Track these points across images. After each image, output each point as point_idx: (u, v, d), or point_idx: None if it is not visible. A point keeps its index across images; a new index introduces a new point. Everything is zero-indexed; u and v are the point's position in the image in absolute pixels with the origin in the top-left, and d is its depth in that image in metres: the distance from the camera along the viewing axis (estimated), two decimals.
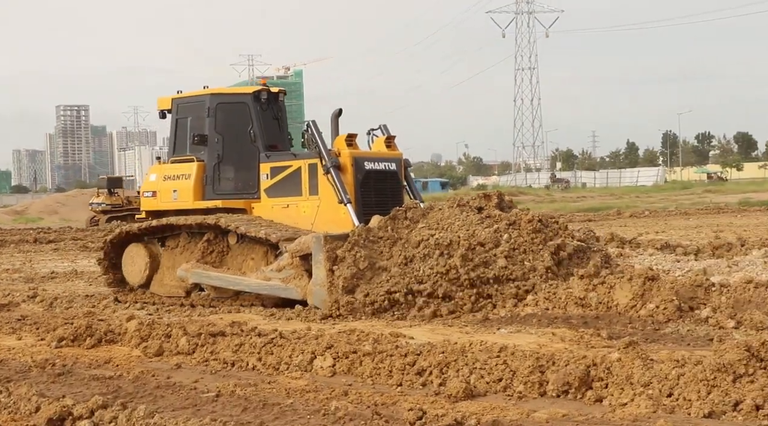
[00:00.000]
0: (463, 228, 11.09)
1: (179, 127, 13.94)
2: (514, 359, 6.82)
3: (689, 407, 5.63)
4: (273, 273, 11.56)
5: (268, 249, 12.27)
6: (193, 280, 12.58)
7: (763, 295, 8.95)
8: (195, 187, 13.50)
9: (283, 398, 6.60)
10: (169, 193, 13.84)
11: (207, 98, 13.60)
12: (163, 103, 14.33)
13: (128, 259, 13.80)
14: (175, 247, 13.47)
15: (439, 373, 6.93)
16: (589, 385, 6.26)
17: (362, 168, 12.50)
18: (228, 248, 12.82)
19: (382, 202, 12.42)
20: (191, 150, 13.65)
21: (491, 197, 11.92)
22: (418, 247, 10.86)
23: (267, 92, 13.54)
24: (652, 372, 6.10)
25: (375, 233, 11.12)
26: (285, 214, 12.87)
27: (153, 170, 14.50)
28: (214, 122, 13.43)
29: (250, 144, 13.27)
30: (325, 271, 10.68)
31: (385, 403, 6.35)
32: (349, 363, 7.52)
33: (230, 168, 13.56)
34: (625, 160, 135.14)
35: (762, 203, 36.54)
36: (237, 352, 8.22)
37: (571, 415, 5.73)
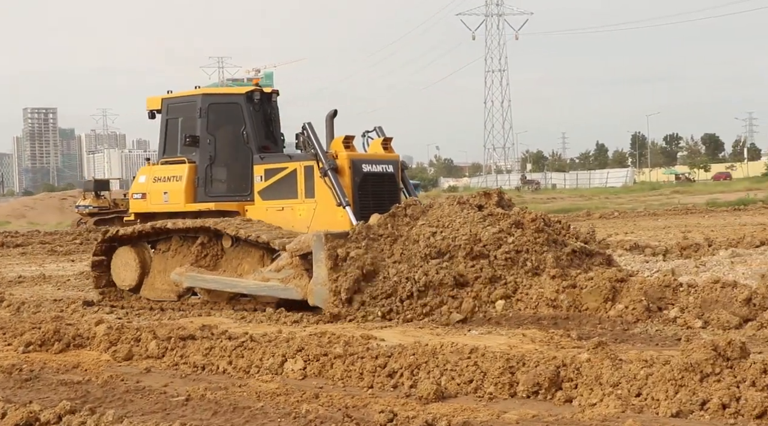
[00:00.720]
0: (465, 226, 10.97)
1: (170, 128, 13.69)
2: (485, 360, 6.84)
3: (657, 407, 5.68)
4: (271, 274, 11.38)
5: (264, 252, 12.08)
6: (188, 284, 12.39)
7: (729, 294, 9.04)
8: (186, 189, 13.26)
9: (254, 401, 6.58)
10: (159, 195, 13.59)
11: (198, 98, 13.39)
12: (153, 103, 14.08)
13: (118, 262, 13.59)
14: (166, 251, 13.21)
15: (410, 375, 6.94)
16: (559, 386, 6.30)
17: (360, 170, 12.35)
18: (222, 252, 12.60)
19: (379, 204, 12.18)
20: (182, 151, 13.42)
21: (491, 195, 11.85)
22: (419, 246, 10.73)
23: (260, 92, 13.35)
24: (621, 372, 6.15)
25: (375, 231, 10.99)
26: (280, 216, 12.66)
27: (142, 172, 14.15)
28: (206, 123, 13.22)
29: (243, 145, 13.08)
30: (327, 270, 10.48)
31: (356, 405, 6.35)
32: (320, 365, 7.50)
33: (223, 169, 13.34)
34: (594, 162, 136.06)
35: (729, 204, 36.94)
36: (207, 355, 8.18)
37: (541, 415, 5.76)
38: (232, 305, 12.10)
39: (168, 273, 12.89)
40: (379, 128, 13.44)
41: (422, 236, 10.86)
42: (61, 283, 16.73)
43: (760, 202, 37.16)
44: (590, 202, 48.73)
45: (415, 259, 10.65)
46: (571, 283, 10.00)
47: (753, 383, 5.61)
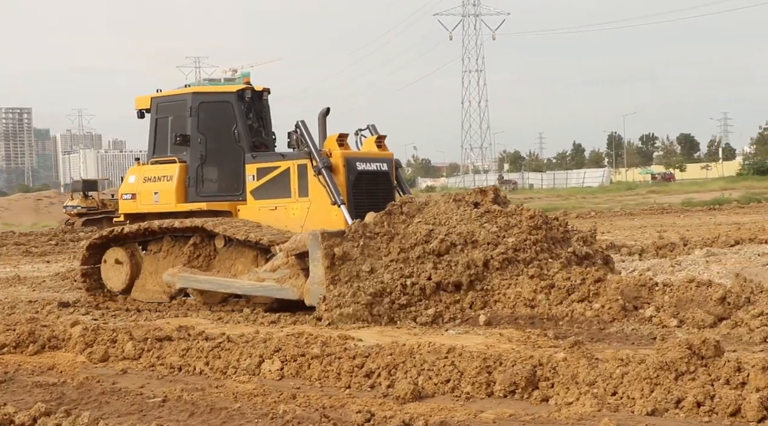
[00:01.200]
0: (461, 223, 10.88)
1: (159, 127, 13.53)
2: (462, 360, 6.86)
3: (633, 405, 5.71)
4: (267, 274, 11.24)
5: (258, 252, 11.96)
6: (181, 285, 12.23)
7: (704, 293, 9.11)
8: (177, 188, 13.11)
9: (231, 402, 6.56)
10: (149, 196, 13.43)
11: (189, 97, 13.25)
12: (142, 102, 13.92)
13: (108, 264, 13.40)
14: (157, 251, 13.05)
15: (387, 375, 6.94)
16: (536, 385, 6.32)
17: (354, 169, 12.22)
18: (215, 252, 12.46)
19: (374, 203, 12.07)
20: (172, 150, 13.27)
21: (487, 192, 11.76)
22: (416, 246, 10.58)
23: (251, 91, 13.21)
24: (597, 371, 6.18)
25: (371, 229, 10.86)
26: (273, 216, 12.52)
27: (132, 172, 13.96)
28: (196, 122, 13.08)
29: (235, 144, 12.93)
30: (323, 269, 10.34)
31: (333, 405, 6.35)
32: (298, 366, 7.50)
33: (214, 169, 13.19)
34: (571, 162, 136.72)
35: (704, 203, 37.22)
36: (184, 356, 8.15)
37: (517, 414, 5.79)
38: (225, 306, 11.95)
39: (160, 274, 12.73)
40: (372, 126, 13.29)
41: (419, 235, 10.72)
42: (36, 285, 16.60)
43: (735, 201, 37.48)
44: (567, 202, 48.94)
45: (411, 260, 10.46)
46: (549, 283, 10.02)
47: (727, 381, 5.65)
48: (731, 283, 9.57)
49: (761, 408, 5.25)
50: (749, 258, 13.91)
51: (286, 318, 10.90)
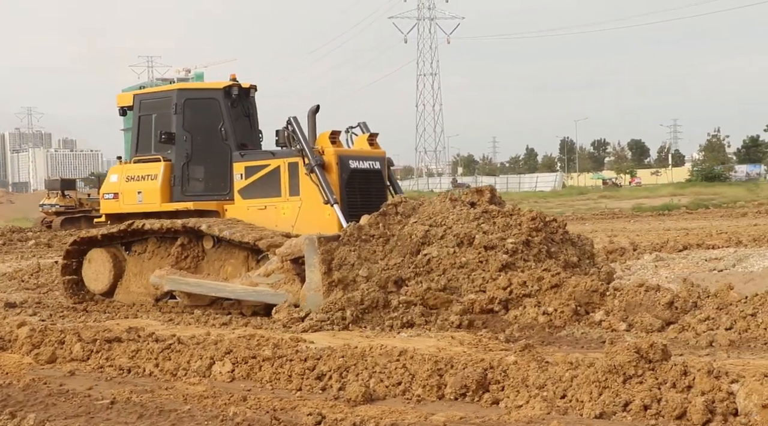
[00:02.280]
0: (458, 223, 10.66)
1: (142, 125, 13.17)
2: (414, 363, 6.88)
3: (582, 408, 5.77)
4: (260, 278, 10.91)
5: (248, 253, 11.67)
6: (169, 287, 11.86)
7: (653, 298, 9.23)
8: (162, 188, 12.75)
9: (181, 404, 6.50)
10: (132, 195, 13.07)
11: (174, 94, 12.93)
12: (124, 99, 13.60)
13: (90, 265, 13.04)
14: (142, 252, 12.73)
15: (338, 378, 6.94)
16: (486, 388, 6.36)
17: (347, 167, 11.95)
18: (203, 253, 12.14)
19: (367, 202, 11.86)
20: (156, 149, 12.94)
21: (483, 192, 11.58)
22: (417, 253, 10.34)
23: (238, 87, 12.90)
24: (547, 374, 6.24)
25: (367, 231, 10.60)
26: (263, 215, 12.22)
27: (114, 171, 13.64)
28: (182, 119, 12.76)
29: (221, 142, 12.65)
30: (320, 275, 10.04)
31: (284, 408, 6.33)
32: (249, 368, 7.46)
33: (200, 168, 12.88)
34: (524, 166, 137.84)
35: (654, 209, 37.77)
36: (133, 358, 8.06)
37: (468, 417, 5.82)
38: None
39: (144, 276, 12.43)
40: (363, 124, 13.04)
41: (415, 237, 10.51)
42: None
43: (684, 207, 38.08)
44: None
45: (407, 263, 10.25)
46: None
47: (673, 385, 5.74)
48: (679, 288, 9.71)
49: (706, 411, 5.34)
50: (697, 263, 14.14)
51: (237, 320, 10.84)
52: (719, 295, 9.00)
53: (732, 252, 15.28)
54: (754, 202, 38.33)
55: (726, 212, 33.38)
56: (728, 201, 40.46)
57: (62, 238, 31.98)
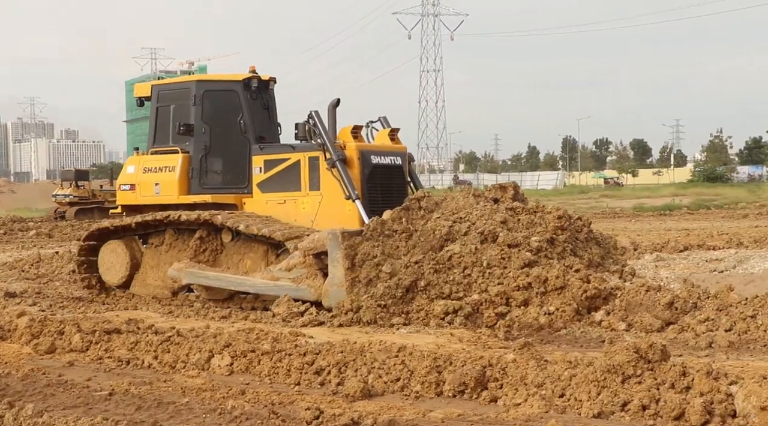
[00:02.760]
0: (482, 219, 10.39)
1: (160, 116, 13.07)
2: (412, 359, 6.88)
3: (580, 407, 5.77)
4: (281, 272, 10.73)
5: (268, 247, 11.55)
6: (188, 281, 11.67)
7: (653, 298, 9.23)
8: (180, 180, 12.61)
9: (179, 397, 6.51)
10: (149, 187, 12.94)
11: (193, 85, 12.83)
12: (142, 89, 13.45)
13: (106, 257, 12.91)
14: (159, 245, 12.61)
15: (337, 373, 6.94)
16: (485, 386, 6.36)
17: (369, 162, 11.80)
18: (222, 246, 12.02)
19: (388, 198, 11.70)
20: (174, 140, 12.82)
21: (507, 189, 11.39)
22: (440, 249, 10.07)
23: (257, 79, 12.76)
24: (546, 373, 6.24)
25: (390, 226, 10.41)
26: (282, 210, 12.09)
27: (131, 162, 13.48)
28: (200, 111, 12.65)
29: (240, 135, 12.55)
30: (344, 270, 9.94)
31: (282, 402, 6.33)
32: (247, 362, 7.46)
33: (218, 160, 12.76)
34: (526, 164, 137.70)
35: (655, 209, 37.74)
36: (132, 349, 8.07)
37: (466, 414, 5.82)
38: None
39: (161, 268, 12.32)
40: (384, 118, 12.92)
41: (438, 232, 10.25)
42: None
43: (685, 207, 38.05)
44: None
45: (428, 259, 9.97)
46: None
47: (672, 385, 5.74)
48: (679, 289, 9.71)
49: (704, 412, 5.33)
50: (697, 264, 14.13)
51: (237, 313, 10.85)
52: (719, 297, 8.99)
53: (733, 253, 15.27)
54: (756, 203, 38.28)
55: (727, 213, 33.35)
56: (730, 202, 40.41)
57: (62, 229, 32.01)
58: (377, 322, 9.46)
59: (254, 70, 13.03)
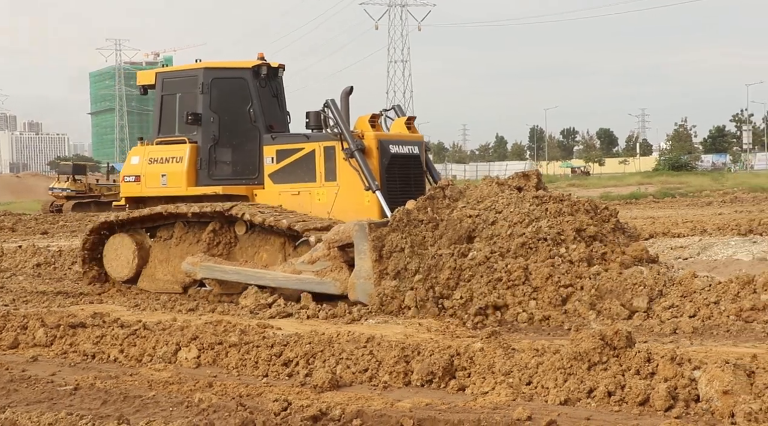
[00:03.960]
0: (508, 207, 10.03)
1: (165, 105, 12.70)
2: (381, 349, 6.88)
3: (547, 395, 5.81)
4: (304, 265, 10.41)
5: (286, 239, 11.25)
6: (203, 275, 11.30)
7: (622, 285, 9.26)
8: (188, 171, 12.25)
9: (145, 390, 6.46)
10: (156, 178, 12.55)
11: (200, 73, 12.43)
12: (146, 77, 13.11)
13: (112, 251, 12.55)
14: (168, 238, 12.29)
15: (305, 364, 6.93)
16: (453, 375, 6.38)
17: (387, 152, 11.49)
18: (236, 239, 11.70)
19: (406, 189, 11.46)
20: (181, 130, 12.50)
21: (530, 177, 11.04)
22: (468, 239, 9.73)
23: (267, 67, 12.39)
24: (513, 361, 6.27)
25: (415, 216, 10.06)
26: (296, 201, 11.76)
27: (135, 152, 13.07)
28: (208, 99, 12.30)
29: (250, 124, 12.25)
30: (371, 263, 9.62)
31: (250, 394, 6.31)
32: (215, 354, 7.43)
33: (228, 150, 12.39)
34: (494, 154, 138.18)
35: (621, 197, 38.01)
36: (98, 343, 8.00)
37: (434, 404, 5.83)
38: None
39: (171, 263, 12.03)
40: (398, 106, 12.67)
41: (465, 222, 9.94)
42: None
43: (651, 196, 38.38)
44: None
45: (457, 248, 9.64)
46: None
47: (637, 372, 5.79)
48: (646, 276, 9.76)
49: (668, 397, 5.39)
50: (663, 251, 14.26)
51: (204, 306, 10.79)
52: (683, 283, 9.07)
53: (697, 240, 15.42)
54: (719, 191, 38.69)
55: (692, 201, 33.69)
56: (694, 190, 40.82)
57: (26, 223, 31.63)
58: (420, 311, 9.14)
59: (263, 57, 12.69)
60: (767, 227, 17.83)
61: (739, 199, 32.41)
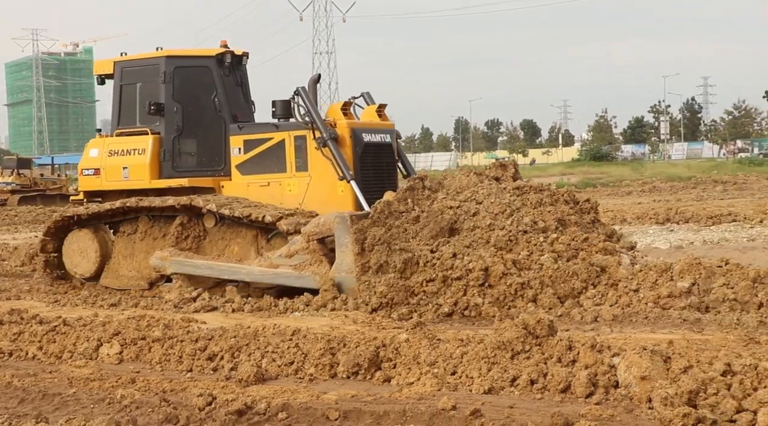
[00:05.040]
0: (489, 198, 9.98)
1: (125, 95, 12.25)
2: (306, 342, 6.87)
3: (471, 384, 5.87)
4: (281, 259, 10.07)
5: (258, 232, 10.95)
6: (174, 270, 10.73)
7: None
8: (152, 163, 11.85)
9: (66, 388, 6.34)
10: (116, 171, 12.11)
11: (162, 61, 12.01)
12: (103, 66, 12.62)
13: (72, 248, 12.12)
14: (132, 233, 11.83)
15: (230, 358, 6.88)
16: (379, 366, 6.41)
17: (361, 140, 11.19)
18: (205, 232, 11.32)
19: (379, 178, 11.26)
20: (142, 121, 12.08)
21: (508, 167, 10.97)
22: (449, 231, 9.58)
23: (231, 54, 12.07)
24: (438, 351, 6.32)
25: (395, 208, 9.88)
26: (265, 193, 11.44)
27: (93, 145, 12.55)
28: (171, 89, 11.92)
29: (215, 114, 11.90)
30: (353, 256, 9.37)
31: (174, 389, 6.23)
32: (138, 349, 7.33)
33: (192, 141, 12.04)
34: (420, 145, 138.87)
35: None
36: (15, 341, 7.83)
37: (360, 395, 5.85)
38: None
39: (136, 258, 11.63)
40: (367, 94, 12.33)
41: (446, 213, 9.81)
42: None
43: (573, 186, 39.09)
44: None
45: (440, 241, 9.47)
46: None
47: (559, 360, 5.90)
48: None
49: (589, 384, 5.50)
50: None
51: (127, 301, 10.62)
52: (608, 272, 9.18)
53: (617, 230, 15.74)
54: (639, 181, 39.63)
55: (612, 191, 34.43)
56: (615, 180, 41.73)
57: None
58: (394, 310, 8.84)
59: (226, 45, 12.39)
60: (684, 216, 18.35)
61: (658, 189, 33.24)
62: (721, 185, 29.91)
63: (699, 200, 24.12)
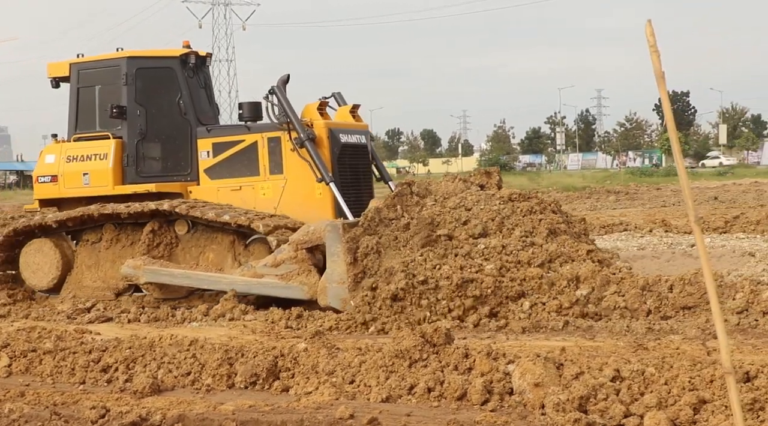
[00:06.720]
0: (478, 205, 9.85)
1: (83, 98, 11.73)
2: (204, 352, 6.81)
3: (369, 393, 5.91)
4: (266, 269, 9.66)
5: (234, 238, 10.52)
6: (147, 280, 10.32)
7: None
8: (114, 168, 11.37)
9: None
10: (76, 178, 11.56)
11: (123, 62, 11.52)
12: (57, 69, 12.00)
13: (30, 259, 11.42)
14: (96, 242, 11.24)
15: (125, 369, 6.76)
16: (277, 376, 6.39)
17: (338, 141, 10.87)
18: (177, 239, 10.86)
19: (356, 180, 11.03)
20: (102, 125, 11.59)
21: (492, 174, 10.84)
22: (439, 239, 9.30)
23: (195, 55, 11.66)
24: (337, 360, 6.34)
25: (385, 214, 9.57)
26: (237, 197, 11.01)
27: (49, 150, 11.98)
28: (133, 91, 11.45)
29: (180, 116, 11.47)
30: (345, 266, 9.00)
31: (65, 402, 6.08)
32: (28, 362, 7.13)
33: (157, 145, 11.57)
34: None
35: None
36: None
37: (257, 405, 5.82)
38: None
39: (101, 268, 11.03)
40: (339, 94, 12.00)
41: (435, 221, 9.58)
42: None
43: None
44: None
45: (437, 254, 9.14)
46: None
47: (455, 367, 5.99)
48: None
49: (484, 391, 5.60)
50: None
51: (17, 312, 10.31)
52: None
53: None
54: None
55: None
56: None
57: None
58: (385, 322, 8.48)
59: (188, 45, 12.02)
60: None
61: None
62: (613, 195, 30.74)
63: (593, 210, 24.77)
